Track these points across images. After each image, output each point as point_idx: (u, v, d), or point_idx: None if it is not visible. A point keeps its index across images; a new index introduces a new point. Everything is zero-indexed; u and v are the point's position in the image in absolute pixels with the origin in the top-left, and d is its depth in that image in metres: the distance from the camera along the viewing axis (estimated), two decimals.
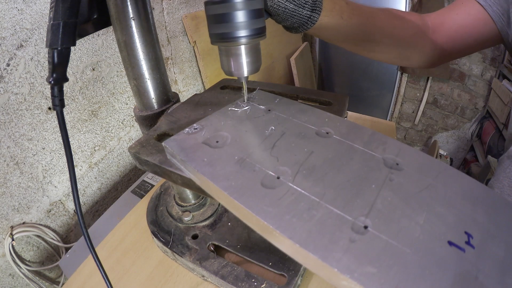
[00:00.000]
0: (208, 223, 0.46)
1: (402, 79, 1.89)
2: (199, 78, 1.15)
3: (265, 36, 0.30)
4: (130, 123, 0.90)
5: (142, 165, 0.33)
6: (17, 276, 0.68)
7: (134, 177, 0.95)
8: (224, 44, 0.29)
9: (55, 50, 0.27)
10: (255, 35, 0.28)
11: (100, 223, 0.68)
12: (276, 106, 0.34)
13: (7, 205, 0.63)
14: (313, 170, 0.25)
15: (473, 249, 0.20)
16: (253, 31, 0.28)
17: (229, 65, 0.30)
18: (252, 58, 0.30)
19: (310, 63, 1.85)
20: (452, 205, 0.23)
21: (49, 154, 0.69)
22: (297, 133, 0.29)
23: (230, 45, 0.29)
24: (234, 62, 0.30)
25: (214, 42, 0.30)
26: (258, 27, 0.28)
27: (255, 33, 0.28)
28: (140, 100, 0.39)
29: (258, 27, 0.28)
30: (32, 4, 0.59)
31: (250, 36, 0.28)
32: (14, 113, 0.61)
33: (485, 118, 1.68)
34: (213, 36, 0.29)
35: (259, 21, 0.28)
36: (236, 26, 0.27)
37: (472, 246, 0.21)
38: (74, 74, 0.71)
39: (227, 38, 0.28)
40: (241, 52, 0.29)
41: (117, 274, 0.45)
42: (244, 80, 0.32)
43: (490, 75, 1.60)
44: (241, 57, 0.30)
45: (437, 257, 0.19)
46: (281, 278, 0.39)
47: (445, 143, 1.96)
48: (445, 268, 0.19)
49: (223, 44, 0.29)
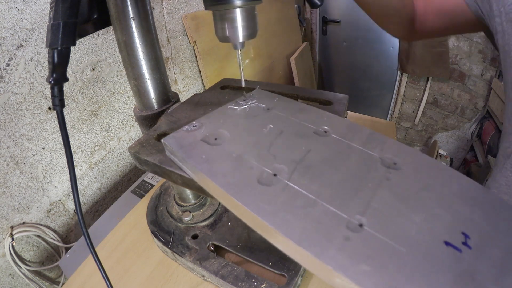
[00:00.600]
0: (208, 223, 0.46)
1: (402, 79, 1.89)
2: (199, 78, 1.15)
3: (261, 1, 0.29)
4: (130, 123, 0.90)
5: (142, 165, 0.33)
6: (17, 276, 0.68)
7: (134, 177, 0.95)
8: (219, 7, 0.28)
9: (55, 50, 0.27)
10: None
11: (100, 223, 0.68)
12: (275, 105, 0.34)
13: (7, 205, 0.63)
14: (310, 168, 0.25)
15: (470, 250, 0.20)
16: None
17: (223, 29, 0.29)
18: (248, 23, 0.29)
19: (310, 63, 1.85)
20: (449, 206, 0.23)
21: (49, 154, 0.69)
22: (295, 132, 0.29)
23: (224, 7, 0.28)
24: (229, 26, 0.29)
25: (208, 6, 0.29)
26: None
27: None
28: (140, 100, 0.39)
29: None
30: (32, 4, 0.59)
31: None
32: (14, 113, 0.61)
33: (485, 118, 1.68)
34: (207, 1, 0.28)
35: None
36: None
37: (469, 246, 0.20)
38: (74, 74, 0.71)
39: (221, 1, 0.27)
40: (236, 16, 0.28)
41: (117, 274, 0.45)
42: (239, 46, 0.30)
43: (490, 75, 1.60)
44: (236, 21, 0.28)
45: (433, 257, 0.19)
46: (281, 278, 0.39)
47: (445, 143, 1.96)
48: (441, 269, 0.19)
49: (217, 8, 0.28)
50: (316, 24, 2.02)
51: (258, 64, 1.34)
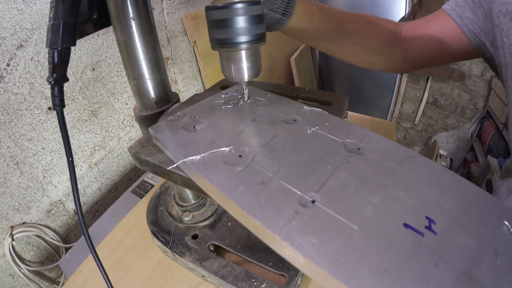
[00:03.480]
0: (208, 223, 0.46)
1: (402, 79, 1.89)
2: (199, 78, 1.15)
3: (265, 41, 0.30)
4: (130, 123, 0.90)
5: (142, 165, 0.33)
6: (17, 276, 0.68)
7: (134, 177, 0.95)
8: (225, 49, 0.29)
9: (55, 50, 0.27)
10: (255, 40, 0.28)
11: (100, 223, 0.68)
12: (254, 97, 0.37)
13: (7, 205, 0.63)
14: (273, 151, 0.27)
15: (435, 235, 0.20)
16: (254, 37, 0.28)
17: (229, 70, 0.31)
18: (252, 63, 0.31)
19: (310, 63, 1.85)
20: (413, 190, 0.23)
21: (49, 154, 0.69)
22: (266, 120, 0.32)
23: (230, 50, 0.29)
24: (235, 67, 0.30)
25: (215, 47, 0.30)
26: (258, 33, 0.29)
27: (256, 39, 0.28)
28: (140, 100, 0.39)
29: (258, 33, 0.29)
30: (32, 4, 0.59)
31: (251, 41, 0.28)
32: (14, 113, 0.61)
33: (485, 118, 1.68)
34: (213, 41, 0.30)
35: (259, 27, 0.28)
36: (237, 31, 0.27)
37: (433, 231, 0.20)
38: (74, 74, 0.71)
39: (227, 44, 0.28)
40: (241, 57, 0.30)
41: (117, 274, 0.45)
42: (244, 84, 0.33)
43: (490, 75, 1.60)
44: (242, 62, 0.30)
45: (388, 238, 0.19)
46: (281, 278, 0.39)
47: (445, 143, 1.96)
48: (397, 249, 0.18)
49: (223, 50, 0.29)
50: None
51: None
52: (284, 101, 0.36)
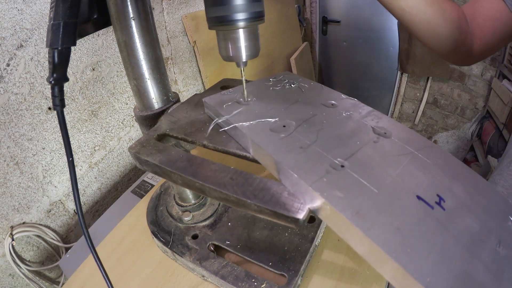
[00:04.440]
0: (208, 223, 0.46)
1: (402, 79, 1.89)
2: (199, 78, 1.15)
3: (264, 21, 0.29)
4: (130, 123, 0.90)
5: (142, 165, 0.33)
6: (17, 276, 0.68)
7: (134, 177, 0.95)
8: (222, 28, 0.28)
9: (55, 50, 0.27)
10: (254, 18, 0.28)
11: (100, 223, 0.68)
12: (298, 82, 0.41)
13: (7, 205, 0.63)
14: (312, 125, 0.31)
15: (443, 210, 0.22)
16: (252, 14, 0.27)
17: (227, 49, 0.30)
18: (251, 42, 0.30)
19: (310, 63, 1.85)
20: (429, 172, 0.26)
21: (49, 154, 0.69)
22: (308, 102, 0.36)
23: (228, 28, 0.28)
24: (232, 46, 0.29)
25: (212, 27, 0.29)
26: (257, 11, 0.28)
27: (254, 16, 0.28)
28: (140, 100, 0.39)
29: (257, 11, 0.28)
30: (32, 4, 0.59)
31: (249, 19, 0.27)
32: (14, 113, 0.61)
33: (485, 118, 1.68)
34: (210, 20, 0.29)
35: (258, 4, 0.28)
36: (235, 8, 0.27)
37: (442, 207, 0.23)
38: (74, 74, 0.71)
39: (225, 22, 0.27)
40: (239, 36, 0.29)
41: (117, 274, 0.45)
42: (242, 65, 0.31)
43: (490, 75, 1.60)
44: (240, 41, 0.29)
45: (402, 204, 0.22)
46: (281, 278, 0.39)
47: (445, 143, 1.96)
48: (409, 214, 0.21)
49: (220, 28, 0.28)
50: (316, 24, 2.02)
51: (258, 64, 1.34)
52: (324, 89, 0.40)
